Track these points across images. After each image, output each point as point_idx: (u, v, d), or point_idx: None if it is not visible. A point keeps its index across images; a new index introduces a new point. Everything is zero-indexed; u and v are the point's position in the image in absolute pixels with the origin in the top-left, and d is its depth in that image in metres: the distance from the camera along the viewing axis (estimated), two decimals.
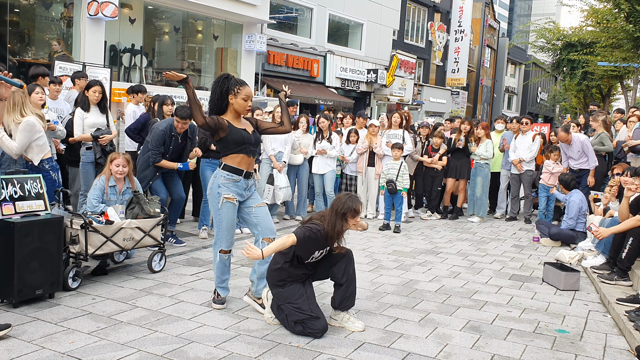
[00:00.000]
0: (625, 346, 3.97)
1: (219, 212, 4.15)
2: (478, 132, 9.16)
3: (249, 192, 4.26)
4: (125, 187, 5.32)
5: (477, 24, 37.12)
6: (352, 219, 3.88)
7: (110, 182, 5.23)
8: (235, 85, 4.08)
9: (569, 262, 6.27)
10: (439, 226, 8.71)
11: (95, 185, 5.19)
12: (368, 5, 23.64)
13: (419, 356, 3.61)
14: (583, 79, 25.56)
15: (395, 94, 25.42)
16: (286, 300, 3.86)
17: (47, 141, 5.10)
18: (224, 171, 4.13)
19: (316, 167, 8.52)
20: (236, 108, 4.12)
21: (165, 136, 5.94)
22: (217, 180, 4.15)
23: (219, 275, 4.35)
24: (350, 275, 4.00)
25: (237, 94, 4.07)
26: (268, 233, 4.24)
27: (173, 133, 5.98)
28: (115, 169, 5.22)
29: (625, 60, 18.31)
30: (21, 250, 4.00)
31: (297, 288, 3.89)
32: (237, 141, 4.08)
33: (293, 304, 3.82)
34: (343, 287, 3.99)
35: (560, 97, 41.99)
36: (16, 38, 12.92)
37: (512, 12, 78.21)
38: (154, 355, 3.41)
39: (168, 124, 5.98)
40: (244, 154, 4.13)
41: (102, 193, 5.15)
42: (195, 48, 17.69)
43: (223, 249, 4.26)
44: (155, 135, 5.92)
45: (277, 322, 4.02)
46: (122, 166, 5.24)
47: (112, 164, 5.23)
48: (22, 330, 3.66)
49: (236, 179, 4.13)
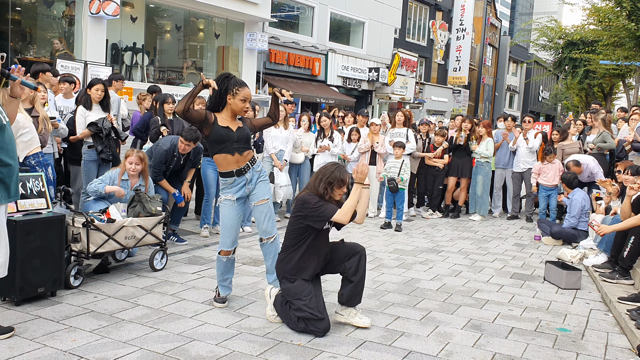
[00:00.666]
0: (626, 345, 3.97)
1: (220, 213, 4.26)
2: (480, 130, 9.16)
3: (251, 185, 4.23)
4: (138, 184, 5.46)
5: (479, 23, 37.09)
6: (339, 189, 3.91)
7: (124, 177, 5.42)
8: (235, 86, 4.08)
9: (570, 261, 6.26)
10: (440, 225, 8.70)
11: (106, 174, 5.38)
12: (369, 4, 23.62)
13: (420, 354, 3.61)
14: (585, 78, 25.54)
15: (396, 92, 25.41)
16: (295, 296, 3.86)
17: (34, 137, 5.03)
18: (221, 177, 4.24)
19: (318, 165, 8.51)
20: (233, 108, 4.13)
21: (168, 156, 6.02)
22: (221, 185, 4.28)
23: (220, 274, 4.37)
24: (361, 274, 3.98)
25: (235, 94, 4.08)
26: (262, 234, 4.30)
27: (175, 153, 6.04)
28: (128, 166, 5.41)
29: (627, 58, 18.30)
30: (23, 248, 4.01)
31: (306, 285, 3.89)
32: (217, 140, 4.08)
33: (301, 301, 3.81)
34: (353, 284, 3.97)
35: (562, 95, 41.97)
36: (18, 36, 12.94)
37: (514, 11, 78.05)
38: (155, 353, 3.41)
39: (172, 144, 6.04)
40: (225, 153, 4.10)
41: (110, 182, 5.31)
42: (196, 46, 17.70)
43: (223, 249, 4.28)
44: (158, 155, 5.97)
45: (278, 321, 4.02)
46: (135, 164, 5.40)
47: (127, 160, 5.42)
48: (24, 328, 3.67)
49: (230, 181, 4.18)
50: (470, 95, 36.89)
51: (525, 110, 47.28)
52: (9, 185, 3.47)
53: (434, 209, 9.46)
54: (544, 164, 8.63)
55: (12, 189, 3.51)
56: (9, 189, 3.48)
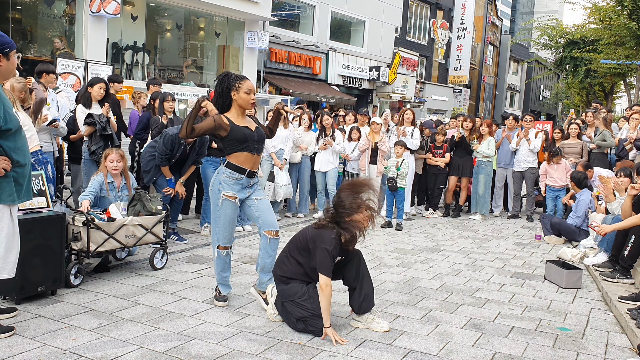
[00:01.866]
0: (627, 344, 3.97)
1: (219, 209, 4.14)
2: (482, 129, 9.15)
3: (251, 190, 4.25)
4: (123, 183, 5.35)
5: (480, 22, 37.05)
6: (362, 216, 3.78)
7: (108, 179, 5.25)
8: (236, 81, 4.07)
9: (571, 260, 6.26)
10: (441, 224, 8.70)
11: (93, 181, 5.18)
12: (370, 3, 23.60)
13: (421, 354, 3.61)
14: (586, 77, 25.51)
15: (397, 91, 25.40)
16: (289, 297, 3.85)
17: (34, 135, 5.00)
18: (227, 168, 4.12)
19: (319, 164, 8.52)
20: (240, 103, 4.11)
21: (175, 142, 5.98)
22: (219, 177, 4.14)
23: (219, 272, 4.35)
24: (362, 277, 3.93)
25: (238, 89, 4.06)
26: (269, 226, 4.20)
27: (182, 141, 6.00)
28: (110, 165, 5.23)
29: (628, 57, 18.30)
30: (23, 247, 3.99)
31: (301, 286, 3.87)
32: (239, 139, 4.06)
33: (296, 302, 3.81)
34: (357, 290, 3.93)
35: (562, 94, 41.94)
36: (18, 35, 12.94)
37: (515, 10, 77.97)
38: (155, 352, 3.41)
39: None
40: (247, 152, 4.10)
41: (100, 188, 5.18)
42: (197, 45, 17.69)
43: (221, 245, 4.24)
44: (165, 140, 5.94)
45: (279, 320, 4.01)
46: (116, 161, 5.25)
47: (107, 160, 5.25)
48: (24, 327, 3.67)
49: (238, 177, 4.11)
50: (471, 95, 36.87)
51: (526, 110, 47.24)
52: (22, 185, 3.49)
53: (434, 208, 9.47)
54: (550, 165, 8.57)
55: (24, 189, 3.52)
56: (21, 189, 3.49)
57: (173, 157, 6.06)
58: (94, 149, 6.05)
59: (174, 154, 6.03)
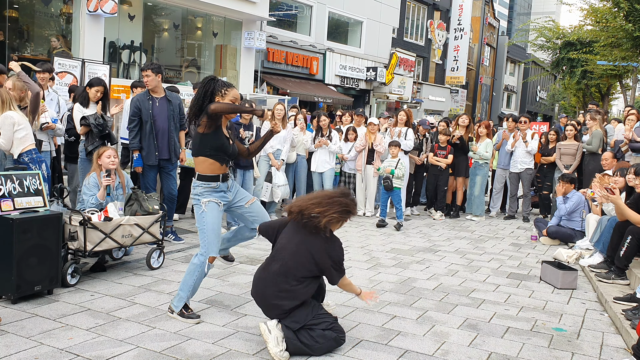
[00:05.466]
0: (622, 345, 3.99)
1: (204, 216, 3.91)
2: (480, 130, 9.16)
3: (232, 193, 4.09)
4: (118, 182, 5.28)
5: (477, 22, 37.10)
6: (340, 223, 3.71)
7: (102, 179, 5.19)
8: (223, 87, 3.89)
9: (566, 261, 6.29)
10: (437, 224, 8.72)
11: (89, 182, 5.13)
12: (368, 3, 23.61)
13: (417, 354, 3.62)
14: (582, 78, 25.59)
15: (394, 92, 25.41)
16: (299, 323, 3.50)
17: (29, 134, 5.01)
18: (201, 181, 3.93)
19: (315, 165, 8.53)
20: None
21: (139, 106, 5.94)
22: (196, 191, 3.96)
23: (196, 286, 4.01)
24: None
25: (224, 95, 3.87)
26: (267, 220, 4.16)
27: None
28: (107, 161, 5.14)
29: (624, 59, 18.35)
30: (20, 246, 4.01)
31: (303, 308, 3.55)
32: (216, 146, 3.87)
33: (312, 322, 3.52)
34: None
35: (559, 95, 42.03)
36: (15, 34, 12.91)
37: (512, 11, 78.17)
38: (152, 352, 3.42)
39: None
40: (215, 160, 3.90)
41: (98, 188, 5.12)
42: (194, 45, 17.68)
43: (212, 255, 3.98)
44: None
45: (287, 357, 3.44)
46: (113, 157, 5.19)
47: (103, 155, 5.16)
48: (20, 326, 3.67)
49: (214, 185, 3.94)
50: (467, 95, 36.93)
51: (522, 110, 47.35)
52: None
53: (443, 210, 9.34)
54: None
55: None
56: None
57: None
58: (90, 149, 6.02)
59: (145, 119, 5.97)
